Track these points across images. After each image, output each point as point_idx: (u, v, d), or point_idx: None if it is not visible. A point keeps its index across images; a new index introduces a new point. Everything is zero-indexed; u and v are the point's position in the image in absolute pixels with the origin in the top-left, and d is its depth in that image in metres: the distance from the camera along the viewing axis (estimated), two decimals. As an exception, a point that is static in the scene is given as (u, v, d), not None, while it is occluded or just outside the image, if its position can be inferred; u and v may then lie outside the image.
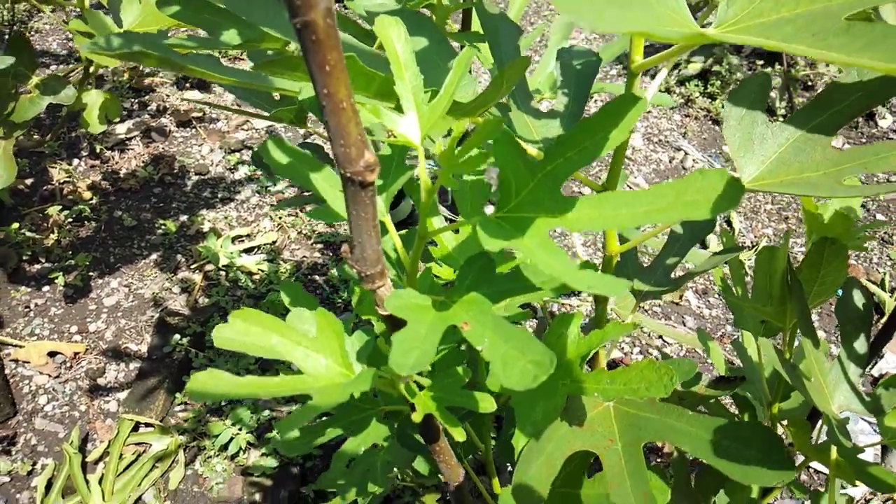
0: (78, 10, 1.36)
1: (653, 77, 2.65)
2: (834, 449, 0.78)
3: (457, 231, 0.69)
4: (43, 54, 2.80)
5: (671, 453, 1.53)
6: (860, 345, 0.79)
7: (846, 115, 0.63)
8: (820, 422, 0.92)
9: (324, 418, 0.63)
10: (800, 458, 0.95)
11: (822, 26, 0.38)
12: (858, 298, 0.81)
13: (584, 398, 0.61)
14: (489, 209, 0.61)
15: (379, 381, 0.45)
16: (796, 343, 1.03)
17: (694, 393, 0.84)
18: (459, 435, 0.43)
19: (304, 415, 0.37)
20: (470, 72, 0.73)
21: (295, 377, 0.42)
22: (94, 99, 1.41)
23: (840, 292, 0.83)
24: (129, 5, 1.25)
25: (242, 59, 2.74)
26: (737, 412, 1.04)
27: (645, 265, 0.95)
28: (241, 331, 0.49)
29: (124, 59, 0.45)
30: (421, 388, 0.47)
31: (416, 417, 0.43)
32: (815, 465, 1.62)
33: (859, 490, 1.51)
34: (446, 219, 1.89)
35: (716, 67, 2.55)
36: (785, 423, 0.87)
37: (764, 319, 0.88)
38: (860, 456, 0.75)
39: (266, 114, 0.83)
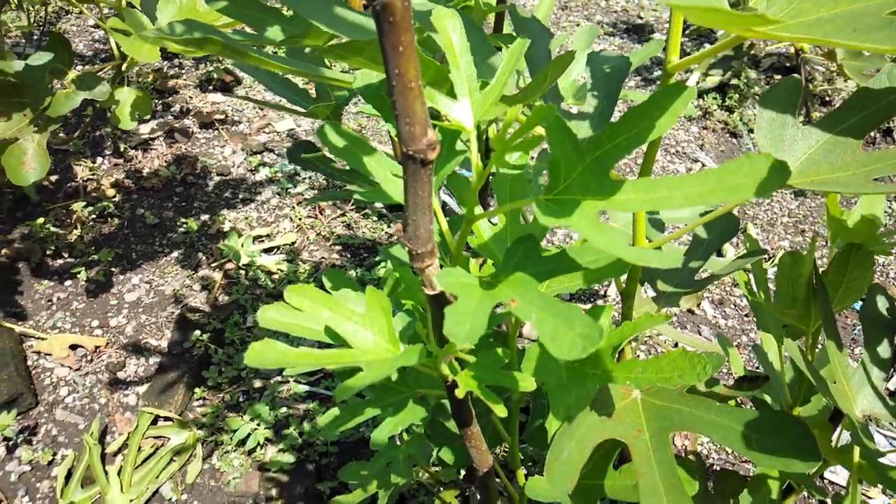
0: (110, 10, 1.40)
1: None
2: (857, 451, 0.79)
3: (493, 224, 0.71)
4: (70, 55, 2.86)
5: (680, 454, 1.53)
6: (884, 349, 0.80)
7: (875, 119, 0.65)
8: (839, 428, 0.92)
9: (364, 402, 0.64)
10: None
11: (862, 23, 0.39)
12: (882, 304, 0.82)
13: (612, 390, 0.63)
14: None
15: (422, 359, 0.47)
16: (818, 350, 1.04)
17: (716, 393, 0.85)
18: (501, 411, 0.45)
19: (356, 382, 0.39)
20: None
21: (345, 350, 0.44)
22: (125, 96, 1.45)
23: (863, 299, 0.84)
24: (167, 4, 1.28)
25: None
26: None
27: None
28: (285, 311, 0.51)
29: (187, 45, 0.48)
30: (462, 367, 0.49)
31: (460, 394, 0.45)
32: (828, 475, 1.61)
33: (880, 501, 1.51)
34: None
35: (734, 81, 2.56)
36: (805, 426, 0.88)
37: (786, 324, 0.89)
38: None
39: (303, 110, 0.86)
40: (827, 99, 2.64)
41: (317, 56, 0.73)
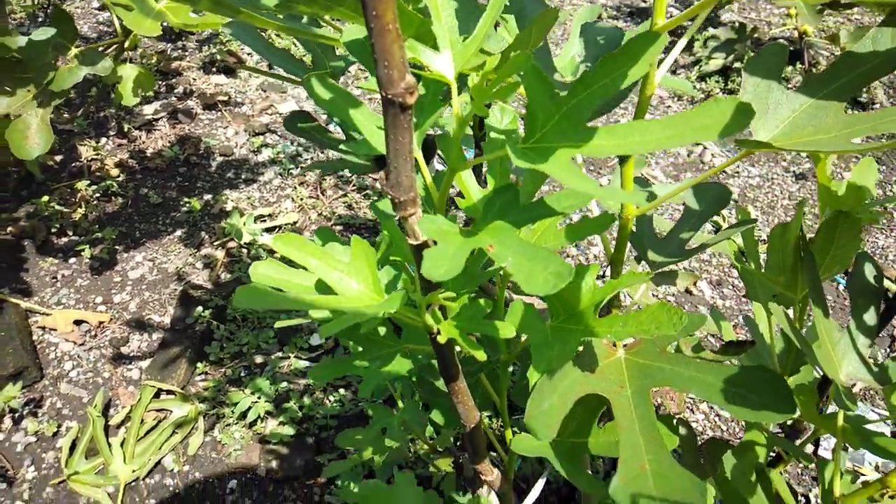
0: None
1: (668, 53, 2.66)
2: (841, 415, 0.80)
3: (483, 188, 0.72)
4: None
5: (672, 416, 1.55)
6: (870, 317, 0.81)
7: (857, 83, 0.66)
8: (826, 395, 0.94)
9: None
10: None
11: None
12: (870, 272, 0.83)
13: (596, 348, 0.64)
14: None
15: (405, 310, 0.48)
16: (807, 318, 1.05)
17: (704, 357, 0.86)
18: (480, 356, 0.46)
19: (339, 323, 0.41)
20: (497, 26, 0.75)
21: (330, 296, 0.45)
22: (128, 72, 1.46)
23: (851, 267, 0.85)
24: (166, -20, 1.29)
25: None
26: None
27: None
28: (276, 267, 0.53)
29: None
30: (445, 318, 0.50)
31: (441, 339, 0.47)
32: (821, 452, 1.63)
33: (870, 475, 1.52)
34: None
35: (736, 64, 2.56)
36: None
37: (776, 293, 0.90)
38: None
39: (298, 79, 0.87)
40: (831, 82, 2.64)
41: (310, 20, 0.74)
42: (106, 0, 1.27)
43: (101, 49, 1.42)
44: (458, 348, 0.59)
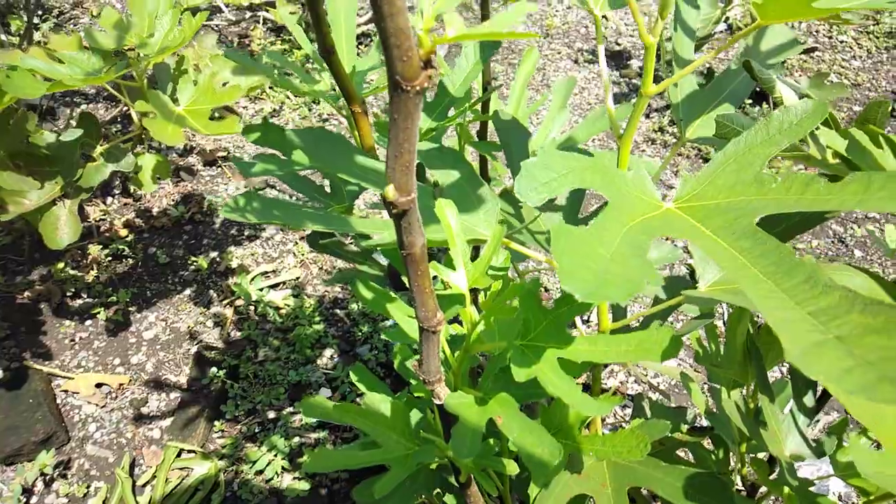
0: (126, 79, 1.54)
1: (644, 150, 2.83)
2: (786, 488, 0.95)
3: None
4: (75, 94, 2.99)
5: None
6: (808, 399, 0.97)
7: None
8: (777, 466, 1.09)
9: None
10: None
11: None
12: (808, 359, 0.99)
13: (583, 454, 0.79)
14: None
15: (435, 451, 0.63)
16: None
17: (674, 438, 1.01)
18: (492, 489, 0.61)
19: (391, 480, 0.55)
20: (489, 181, 0.90)
21: (377, 451, 0.60)
22: (147, 162, 1.59)
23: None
24: (185, 85, 1.43)
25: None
26: (713, 448, 1.22)
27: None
28: (324, 405, 0.67)
29: (249, 218, 0.63)
30: (463, 454, 0.65)
31: (462, 478, 0.61)
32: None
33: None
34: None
35: (705, 109, 2.74)
36: (749, 461, 1.05)
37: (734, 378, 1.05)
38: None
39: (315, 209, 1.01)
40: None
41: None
42: (130, 105, 1.41)
43: (123, 141, 1.55)
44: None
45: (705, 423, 1.51)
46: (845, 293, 0.39)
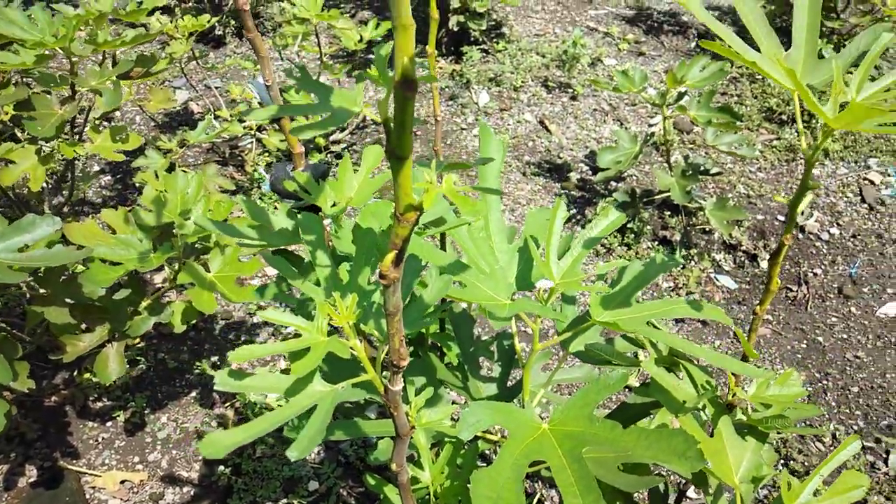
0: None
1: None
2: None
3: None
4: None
5: None
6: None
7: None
8: None
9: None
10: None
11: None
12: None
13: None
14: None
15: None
16: None
17: None
18: None
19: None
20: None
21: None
22: (178, 307, 2.01)
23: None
24: (215, 256, 1.87)
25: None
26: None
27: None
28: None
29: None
30: None
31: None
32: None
33: None
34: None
35: (629, 224, 3.27)
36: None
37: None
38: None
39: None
40: (708, 230, 3.36)
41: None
42: (171, 271, 1.83)
43: (163, 292, 1.97)
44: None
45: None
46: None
